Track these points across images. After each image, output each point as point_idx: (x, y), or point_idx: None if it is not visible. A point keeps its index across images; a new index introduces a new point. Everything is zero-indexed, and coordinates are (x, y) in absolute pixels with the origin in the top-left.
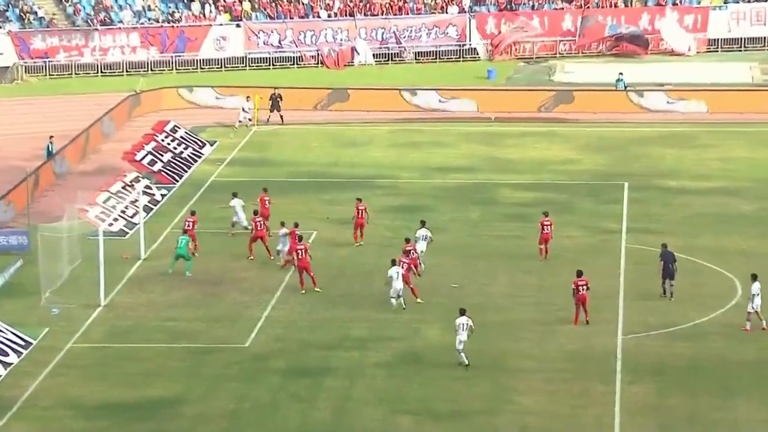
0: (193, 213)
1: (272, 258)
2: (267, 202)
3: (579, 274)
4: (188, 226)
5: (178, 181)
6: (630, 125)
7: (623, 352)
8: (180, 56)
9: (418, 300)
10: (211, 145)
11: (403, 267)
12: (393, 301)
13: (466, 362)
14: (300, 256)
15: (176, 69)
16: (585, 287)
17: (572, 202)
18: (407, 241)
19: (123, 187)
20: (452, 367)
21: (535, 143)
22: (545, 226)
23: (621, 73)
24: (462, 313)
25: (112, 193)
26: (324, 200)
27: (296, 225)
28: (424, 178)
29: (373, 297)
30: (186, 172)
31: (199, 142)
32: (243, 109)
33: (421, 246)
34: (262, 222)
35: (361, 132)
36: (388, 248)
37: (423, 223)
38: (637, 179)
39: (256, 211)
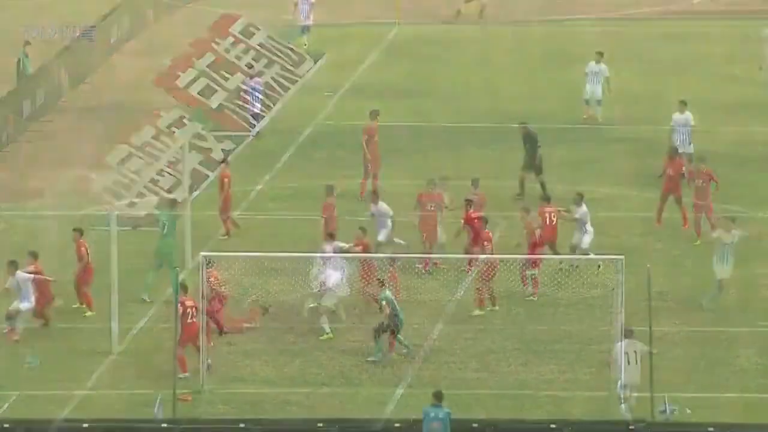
0: (330, 190)
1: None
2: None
3: None
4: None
5: (255, 125)
6: None
7: None
8: None
9: None
10: (316, 62)
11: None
12: None
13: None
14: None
15: None
16: None
17: None
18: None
19: (155, 137)
20: None
21: None
22: None
23: None
24: (628, 335)
25: (134, 148)
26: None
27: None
28: None
29: None
30: (270, 109)
31: (295, 55)
32: None
33: (586, 240)
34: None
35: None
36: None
37: (581, 198)
38: None
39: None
